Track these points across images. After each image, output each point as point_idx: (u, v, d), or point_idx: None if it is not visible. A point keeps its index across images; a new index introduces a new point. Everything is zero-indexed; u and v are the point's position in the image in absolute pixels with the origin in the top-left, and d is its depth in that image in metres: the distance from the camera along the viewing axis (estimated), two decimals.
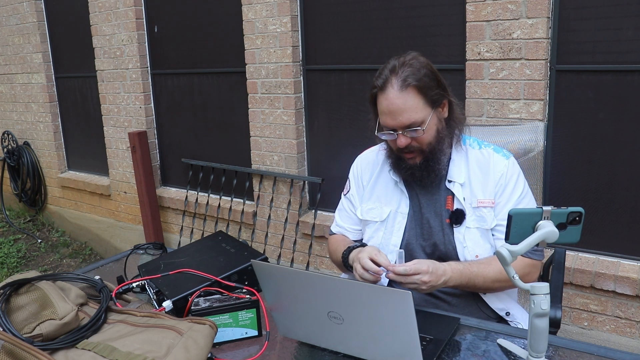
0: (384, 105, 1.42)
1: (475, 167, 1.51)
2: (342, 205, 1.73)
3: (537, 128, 1.82)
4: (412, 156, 1.47)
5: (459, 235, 1.48)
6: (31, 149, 4.90)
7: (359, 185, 1.66)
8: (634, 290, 2.22)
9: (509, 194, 1.49)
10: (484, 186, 1.49)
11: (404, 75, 1.40)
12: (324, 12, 2.95)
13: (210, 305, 1.24)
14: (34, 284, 1.16)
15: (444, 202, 1.51)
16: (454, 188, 1.50)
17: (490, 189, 1.48)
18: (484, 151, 1.53)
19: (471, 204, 1.48)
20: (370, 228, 1.60)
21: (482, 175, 1.50)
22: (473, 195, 1.49)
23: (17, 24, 4.66)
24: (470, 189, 1.49)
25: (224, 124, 3.55)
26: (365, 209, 1.61)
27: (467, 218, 1.48)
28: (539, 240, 1.06)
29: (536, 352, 1.05)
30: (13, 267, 4.27)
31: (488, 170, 1.50)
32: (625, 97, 2.22)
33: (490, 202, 1.48)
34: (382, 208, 1.58)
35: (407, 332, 1.00)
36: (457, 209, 1.48)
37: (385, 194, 1.58)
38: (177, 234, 3.85)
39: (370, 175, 1.63)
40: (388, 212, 1.56)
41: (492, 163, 1.50)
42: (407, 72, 1.40)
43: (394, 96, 1.40)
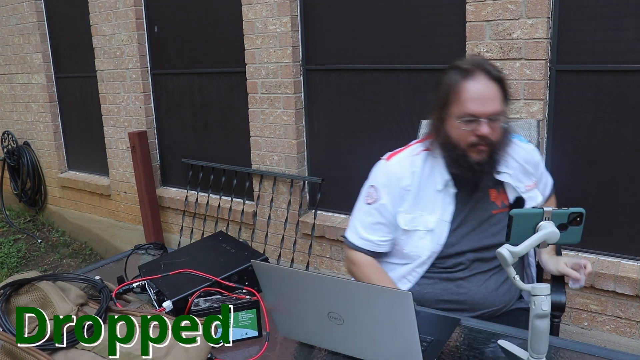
0: (473, 90, 1.41)
1: (517, 156, 1.59)
2: (368, 217, 1.60)
3: (531, 125, 1.88)
4: (483, 149, 1.45)
5: None
6: (31, 149, 4.90)
7: (397, 192, 1.55)
8: (634, 290, 2.22)
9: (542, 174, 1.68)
10: (526, 172, 1.59)
11: (490, 68, 1.45)
12: (324, 12, 2.95)
13: (210, 306, 1.23)
14: (34, 284, 1.16)
15: (488, 197, 1.56)
16: (505, 179, 1.55)
17: (532, 173, 1.61)
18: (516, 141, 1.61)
19: (520, 189, 1.57)
20: (414, 236, 1.54)
21: (524, 162, 1.59)
22: (520, 182, 1.58)
23: (17, 24, 4.65)
24: (517, 177, 1.58)
25: (224, 124, 3.55)
26: (408, 219, 1.54)
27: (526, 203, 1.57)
28: (540, 241, 1.06)
29: (537, 354, 1.05)
30: (13, 267, 4.27)
31: (527, 158, 1.61)
32: (625, 97, 2.22)
33: (534, 184, 1.61)
34: (426, 216, 1.53)
35: (408, 332, 1.00)
36: (517, 197, 1.57)
37: (428, 202, 1.54)
38: (177, 234, 3.85)
39: (410, 183, 1.55)
40: (434, 221, 1.52)
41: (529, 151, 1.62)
42: (491, 66, 1.46)
43: (485, 83, 1.43)
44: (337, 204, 3.13)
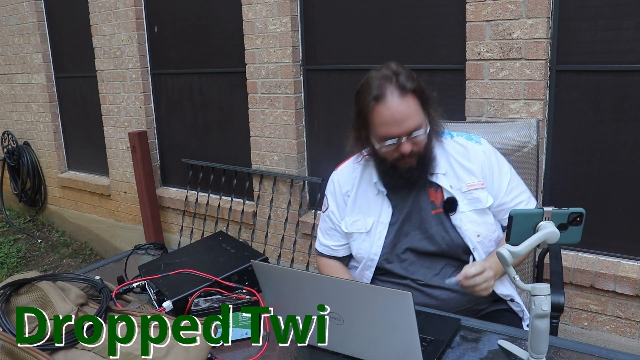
0: (386, 115, 1.40)
1: (456, 155, 1.55)
2: (324, 224, 1.71)
3: (530, 124, 1.88)
4: (409, 160, 1.47)
5: (456, 221, 1.51)
6: (31, 149, 4.90)
7: (340, 200, 1.65)
8: (634, 290, 2.22)
9: (498, 173, 1.55)
10: (469, 171, 1.53)
11: (401, 82, 1.40)
12: (324, 12, 2.95)
13: (210, 306, 1.23)
14: (34, 284, 1.16)
15: (428, 196, 1.54)
16: (438, 180, 1.53)
17: (477, 173, 1.53)
18: (457, 139, 1.58)
19: (460, 189, 1.52)
20: (356, 240, 1.61)
21: (465, 161, 1.54)
22: (461, 181, 1.52)
23: (17, 24, 4.65)
24: (455, 176, 1.53)
25: (224, 124, 3.55)
26: (349, 222, 1.61)
27: (460, 203, 1.51)
28: (540, 241, 1.06)
29: (537, 354, 1.05)
30: (13, 267, 4.27)
31: (469, 157, 1.54)
32: (625, 97, 2.22)
33: (480, 184, 1.52)
34: (365, 219, 1.58)
35: (408, 332, 1.00)
36: (448, 198, 1.52)
37: (367, 205, 1.59)
38: (177, 234, 3.85)
39: (350, 188, 1.63)
40: (372, 223, 1.57)
41: (472, 151, 1.55)
42: (402, 78, 1.41)
43: (396, 103, 1.39)
44: None
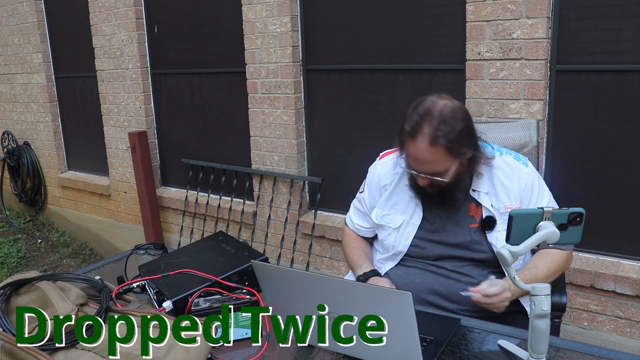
0: (411, 151, 1.45)
1: (501, 175, 1.55)
2: (357, 203, 1.79)
3: (531, 125, 1.88)
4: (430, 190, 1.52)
5: (492, 239, 1.53)
6: (31, 149, 4.90)
7: (376, 190, 1.68)
8: (634, 290, 2.22)
9: (537, 198, 1.56)
10: (509, 192, 1.54)
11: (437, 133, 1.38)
12: (324, 12, 2.95)
13: (210, 306, 1.24)
14: (34, 284, 1.16)
15: (468, 210, 1.55)
16: (479, 198, 1.54)
17: (515, 195, 1.54)
18: (506, 158, 1.58)
19: (499, 209, 1.53)
20: (384, 231, 1.65)
21: (508, 182, 1.55)
22: (500, 202, 1.54)
23: (17, 24, 4.65)
24: (496, 196, 1.54)
25: (224, 124, 3.55)
26: (380, 214, 1.65)
27: (498, 223, 1.52)
28: (540, 241, 1.06)
29: (537, 354, 1.05)
30: (13, 267, 4.27)
31: (512, 178, 1.55)
32: (625, 97, 2.22)
33: (517, 206, 1.54)
34: (396, 215, 1.62)
35: (408, 332, 1.00)
36: (487, 217, 1.54)
37: (401, 204, 1.62)
38: (177, 234, 3.85)
39: (389, 183, 1.65)
40: (402, 221, 1.61)
41: (516, 172, 1.56)
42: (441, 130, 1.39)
43: (422, 148, 1.40)
44: (337, 204, 3.13)
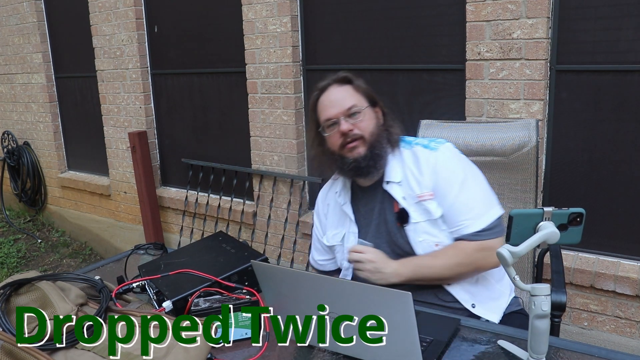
0: (325, 100, 1.56)
1: (410, 164, 1.56)
2: (314, 238, 1.81)
3: (530, 124, 1.87)
4: (355, 144, 1.52)
5: (410, 232, 1.52)
6: (31, 149, 4.90)
7: (322, 216, 1.75)
8: (634, 290, 2.22)
9: (445, 183, 1.51)
10: (419, 182, 1.53)
11: (343, 77, 1.58)
12: (324, 12, 2.95)
13: (210, 306, 1.23)
14: (34, 284, 1.16)
15: (392, 208, 1.55)
16: (392, 190, 1.54)
17: (426, 182, 1.52)
18: (415, 149, 1.58)
19: (413, 200, 1.53)
20: (338, 252, 1.68)
21: (417, 171, 1.54)
22: (412, 191, 1.53)
23: (17, 24, 4.65)
24: (408, 186, 1.54)
25: (224, 124, 3.55)
26: (330, 235, 1.70)
27: (412, 214, 1.52)
28: (540, 241, 1.06)
29: (537, 354, 1.05)
30: (13, 267, 4.27)
31: (420, 166, 1.54)
32: (625, 97, 2.22)
33: (429, 194, 1.51)
34: (341, 232, 1.66)
35: (407, 333, 1.00)
36: (400, 209, 1.53)
37: (338, 219, 1.67)
38: (177, 234, 3.85)
39: (328, 205, 1.72)
40: (343, 234, 1.65)
41: (422, 159, 1.55)
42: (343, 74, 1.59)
43: (334, 89, 1.57)
44: None
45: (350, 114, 1.52)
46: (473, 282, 1.54)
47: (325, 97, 1.57)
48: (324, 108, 1.56)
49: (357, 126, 1.52)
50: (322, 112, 1.57)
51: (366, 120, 1.53)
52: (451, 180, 1.50)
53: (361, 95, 1.56)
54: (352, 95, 1.55)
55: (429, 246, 1.50)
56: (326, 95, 1.57)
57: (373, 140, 1.53)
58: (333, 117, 1.53)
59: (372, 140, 1.53)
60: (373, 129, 1.54)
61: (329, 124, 1.54)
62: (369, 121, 1.54)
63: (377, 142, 1.53)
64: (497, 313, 1.54)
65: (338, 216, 1.67)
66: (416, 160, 1.55)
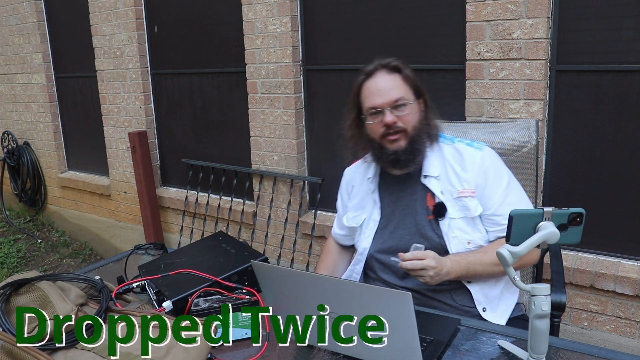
0: (372, 86, 1.52)
1: (452, 160, 1.55)
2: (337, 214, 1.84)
3: (530, 124, 1.88)
4: (397, 137, 1.51)
5: (444, 227, 1.51)
6: (31, 149, 4.90)
7: (345, 195, 1.76)
8: (634, 290, 2.22)
9: (493, 184, 1.52)
10: (460, 178, 1.52)
11: (392, 64, 1.53)
12: (324, 12, 2.95)
13: (210, 306, 1.23)
14: (34, 284, 1.16)
15: (424, 201, 1.55)
16: (430, 183, 1.54)
17: (468, 180, 1.52)
18: (457, 146, 1.58)
19: (451, 195, 1.52)
20: (354, 233, 1.71)
21: (459, 167, 1.54)
22: (452, 187, 1.53)
23: (17, 24, 4.65)
24: (448, 181, 1.53)
25: (224, 124, 3.55)
26: (350, 217, 1.70)
27: (450, 209, 1.51)
28: (540, 241, 1.06)
29: (537, 354, 1.05)
30: (13, 267, 4.27)
31: (464, 163, 1.54)
32: (625, 97, 2.22)
33: (471, 191, 1.51)
34: (361, 215, 1.66)
35: (407, 333, 1.00)
36: (437, 203, 1.52)
37: (363, 202, 1.66)
38: (177, 234, 3.85)
39: (353, 186, 1.72)
40: (363, 219, 1.64)
41: (467, 156, 1.54)
42: (394, 63, 1.54)
43: (382, 76, 1.52)
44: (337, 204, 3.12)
45: (396, 105, 1.50)
46: (492, 284, 1.54)
47: (372, 83, 1.53)
48: (370, 95, 1.52)
49: (401, 119, 1.50)
50: (367, 98, 1.53)
51: (411, 114, 1.52)
52: (498, 182, 1.53)
53: (409, 86, 1.53)
54: (400, 86, 1.52)
55: (461, 243, 1.50)
56: (373, 81, 1.53)
57: (415, 135, 1.52)
58: (378, 106, 1.50)
59: (413, 134, 1.52)
60: (416, 122, 1.53)
61: (373, 112, 1.52)
62: (413, 115, 1.52)
63: (418, 137, 1.52)
64: (504, 318, 1.54)
65: (362, 199, 1.66)
66: (459, 157, 1.55)
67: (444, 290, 1.51)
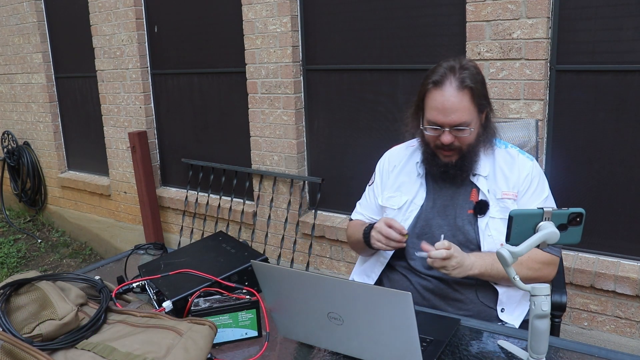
0: (438, 100, 1.46)
1: (502, 163, 1.57)
2: (365, 195, 1.78)
3: (530, 124, 1.88)
4: (449, 154, 1.52)
5: (482, 224, 1.52)
6: (31, 149, 4.90)
7: (385, 175, 1.71)
8: (634, 290, 2.22)
9: (533, 192, 1.55)
10: (508, 180, 1.55)
11: (463, 77, 1.45)
12: (324, 12, 2.95)
13: (210, 306, 1.23)
14: (34, 284, 1.16)
15: (469, 195, 1.56)
16: (478, 181, 1.55)
17: (514, 183, 1.54)
18: (510, 150, 1.60)
19: (495, 195, 1.54)
20: (388, 215, 1.65)
21: (508, 170, 1.56)
22: (497, 187, 1.54)
23: (17, 24, 4.65)
24: (495, 181, 1.55)
25: (224, 124, 3.55)
26: (386, 197, 1.67)
27: (491, 208, 1.52)
28: (540, 242, 1.06)
29: (537, 354, 1.05)
30: (13, 267, 4.27)
31: (513, 168, 1.56)
32: (625, 97, 2.22)
33: (514, 194, 1.53)
34: (400, 197, 1.63)
35: (407, 333, 1.00)
36: (481, 200, 1.54)
37: (407, 185, 1.64)
38: (177, 234, 3.85)
39: (395, 166, 1.69)
40: (404, 201, 1.61)
41: (518, 162, 1.57)
42: (465, 74, 1.46)
43: (451, 93, 1.45)
44: (337, 204, 3.13)
45: (458, 128, 1.47)
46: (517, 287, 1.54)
47: (438, 96, 1.46)
48: (434, 108, 1.47)
49: (459, 139, 1.49)
50: (430, 110, 1.48)
51: (470, 135, 1.49)
52: (539, 192, 1.55)
53: (475, 106, 1.48)
54: (466, 108, 1.46)
55: (494, 243, 1.50)
56: (440, 94, 1.45)
57: (468, 151, 1.52)
58: (439, 124, 1.47)
59: (467, 151, 1.51)
60: (473, 141, 1.51)
61: (433, 127, 1.49)
62: (472, 135, 1.50)
63: (471, 153, 1.52)
64: (518, 320, 1.55)
65: (404, 182, 1.64)
66: (511, 160, 1.56)
67: (470, 285, 1.52)
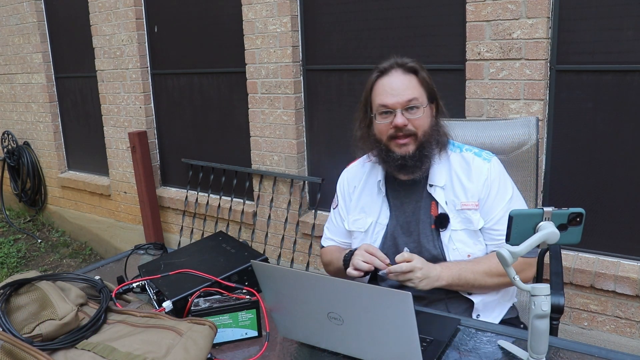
0: (386, 84, 1.47)
1: (459, 170, 1.52)
2: (332, 219, 1.74)
3: (530, 122, 1.86)
4: (406, 141, 1.47)
5: (445, 238, 1.49)
6: (31, 149, 4.90)
7: (347, 197, 1.67)
8: (634, 290, 2.22)
9: (495, 196, 1.49)
10: (466, 190, 1.49)
11: (409, 64, 1.48)
12: (324, 12, 2.95)
13: (210, 306, 1.23)
14: (34, 284, 1.16)
15: (429, 209, 1.51)
16: (435, 193, 1.50)
17: (473, 192, 1.49)
18: (465, 155, 1.54)
19: (455, 206, 1.49)
20: (356, 239, 1.62)
21: (466, 179, 1.50)
22: (456, 198, 1.49)
23: (17, 24, 4.65)
24: (453, 191, 1.50)
25: (224, 124, 3.55)
26: (351, 220, 1.63)
27: (452, 220, 1.48)
28: (540, 242, 1.05)
29: (536, 354, 1.05)
30: (13, 267, 4.27)
31: (470, 175, 1.50)
32: (625, 97, 2.22)
33: (474, 204, 1.48)
34: (365, 219, 1.59)
35: (407, 333, 1.00)
36: (440, 214, 1.49)
37: (370, 205, 1.59)
38: (177, 234, 3.85)
39: (355, 187, 1.64)
40: (370, 223, 1.57)
41: (474, 168, 1.51)
42: (411, 63, 1.49)
43: (397, 75, 1.47)
44: None
45: (409, 107, 1.45)
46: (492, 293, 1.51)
47: (386, 81, 1.47)
48: (382, 93, 1.47)
49: (412, 122, 1.45)
50: (378, 96, 1.48)
51: (423, 118, 1.46)
52: (501, 195, 1.49)
53: (424, 89, 1.48)
54: (415, 87, 1.47)
55: (460, 255, 1.47)
56: (387, 79, 1.47)
57: (424, 140, 1.47)
58: (390, 105, 1.45)
59: (423, 139, 1.47)
60: (427, 127, 1.48)
61: (383, 111, 1.47)
62: (425, 119, 1.47)
63: (427, 143, 1.48)
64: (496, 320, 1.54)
65: (366, 202, 1.59)
66: (467, 167, 1.51)
67: (440, 299, 1.49)
